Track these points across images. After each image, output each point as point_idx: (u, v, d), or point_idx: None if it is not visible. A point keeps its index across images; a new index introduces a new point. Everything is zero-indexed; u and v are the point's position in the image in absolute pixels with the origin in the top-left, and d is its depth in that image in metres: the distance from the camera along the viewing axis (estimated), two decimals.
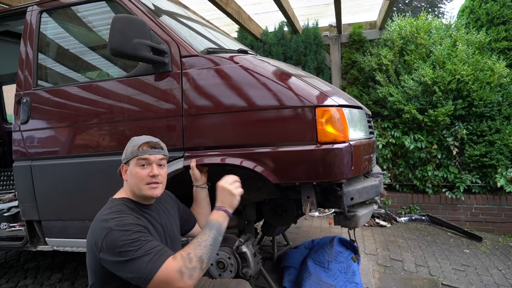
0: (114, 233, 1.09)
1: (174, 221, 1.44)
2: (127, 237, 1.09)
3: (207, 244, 1.15)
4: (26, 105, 2.04)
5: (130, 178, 1.28)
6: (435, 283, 2.51)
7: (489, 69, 3.70)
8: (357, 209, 1.69)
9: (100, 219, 1.17)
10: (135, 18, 1.58)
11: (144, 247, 1.09)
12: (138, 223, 1.16)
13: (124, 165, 1.30)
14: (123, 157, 1.31)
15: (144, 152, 1.27)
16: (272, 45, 5.16)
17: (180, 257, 1.09)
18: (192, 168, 1.61)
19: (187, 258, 1.09)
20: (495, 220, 3.83)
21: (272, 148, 1.54)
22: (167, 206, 1.44)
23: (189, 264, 1.08)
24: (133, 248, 1.07)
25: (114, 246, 1.08)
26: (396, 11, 12.00)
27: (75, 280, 2.70)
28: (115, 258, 1.08)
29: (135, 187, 1.27)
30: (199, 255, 1.11)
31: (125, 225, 1.12)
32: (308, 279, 2.22)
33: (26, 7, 2.17)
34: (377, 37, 4.90)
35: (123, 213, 1.18)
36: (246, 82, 1.59)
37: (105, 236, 1.10)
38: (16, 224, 2.58)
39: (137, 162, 1.26)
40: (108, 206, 1.23)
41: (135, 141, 1.30)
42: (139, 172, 1.26)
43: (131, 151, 1.28)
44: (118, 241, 1.08)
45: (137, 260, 1.07)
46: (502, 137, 3.67)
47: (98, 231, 1.13)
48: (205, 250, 1.14)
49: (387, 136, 4.15)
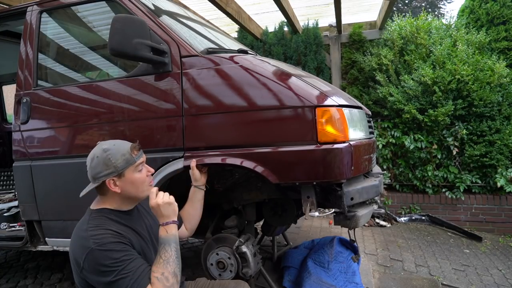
0: (95, 253, 1.08)
1: (156, 222, 1.39)
2: (108, 257, 1.08)
3: (173, 259, 1.18)
4: (26, 105, 2.04)
5: (127, 187, 1.22)
6: (435, 283, 2.51)
7: (489, 69, 3.70)
8: (357, 209, 1.69)
9: (79, 235, 1.15)
10: (135, 18, 1.58)
11: (127, 268, 1.09)
12: (119, 241, 1.13)
13: (113, 179, 1.20)
14: (111, 171, 1.19)
15: (138, 156, 1.25)
16: (272, 45, 5.16)
17: (157, 280, 1.12)
18: (192, 168, 1.61)
19: (164, 279, 1.13)
20: (495, 220, 3.83)
21: (272, 148, 1.54)
22: (146, 208, 1.41)
23: (167, 283, 1.13)
24: (116, 269, 1.08)
25: (95, 266, 1.08)
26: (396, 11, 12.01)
27: None
28: (98, 278, 1.08)
29: (136, 192, 1.25)
30: (171, 271, 1.16)
31: (105, 244, 1.10)
32: (308, 279, 2.22)
33: (26, 7, 2.17)
34: (377, 37, 4.90)
35: (101, 228, 1.14)
36: (246, 82, 1.59)
37: (86, 256, 1.08)
38: (16, 224, 2.58)
39: (135, 168, 1.24)
40: (85, 220, 1.19)
41: (120, 150, 1.22)
42: (140, 177, 1.25)
43: (124, 160, 1.20)
44: (100, 261, 1.07)
45: (120, 281, 1.07)
46: (502, 137, 3.67)
47: (78, 250, 1.12)
48: (174, 265, 1.17)
49: (387, 136, 4.15)
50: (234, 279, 1.76)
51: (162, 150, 1.71)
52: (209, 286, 1.49)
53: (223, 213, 2.08)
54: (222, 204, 2.03)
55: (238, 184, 1.90)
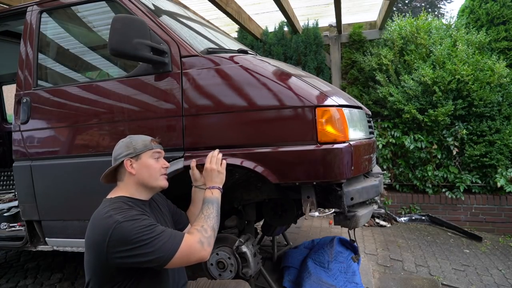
0: (124, 224, 1.10)
1: (168, 219, 1.45)
2: (138, 225, 1.12)
3: (214, 215, 1.30)
4: (26, 105, 2.04)
5: (142, 170, 1.30)
6: (435, 283, 2.51)
7: (489, 69, 3.70)
8: (357, 209, 1.69)
9: (101, 217, 1.16)
10: (135, 18, 1.58)
11: (157, 229, 1.14)
12: (143, 213, 1.20)
13: (130, 159, 1.29)
14: (130, 151, 1.30)
15: (158, 146, 1.36)
16: (272, 45, 5.16)
17: (196, 231, 1.21)
18: (192, 168, 1.60)
19: (203, 230, 1.22)
20: (495, 220, 3.83)
21: (272, 148, 1.54)
22: (159, 205, 1.45)
23: (205, 234, 1.21)
24: (148, 232, 1.11)
25: (126, 236, 1.09)
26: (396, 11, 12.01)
27: (75, 280, 2.70)
28: (129, 246, 1.09)
29: (149, 178, 1.30)
30: (211, 225, 1.26)
31: (132, 215, 1.15)
32: (308, 279, 2.22)
33: (26, 7, 2.17)
34: (377, 37, 4.91)
35: (123, 208, 1.19)
36: (246, 82, 1.59)
37: (113, 229, 1.09)
38: (16, 224, 2.58)
39: (152, 154, 1.33)
40: (105, 205, 1.22)
41: (141, 137, 1.36)
42: (154, 164, 1.32)
43: (143, 145, 1.32)
44: (130, 230, 1.10)
45: (155, 241, 1.11)
46: (502, 137, 3.67)
47: (102, 228, 1.12)
48: (214, 221, 1.29)
49: (387, 136, 4.15)
50: (234, 279, 1.76)
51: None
52: (209, 286, 1.49)
53: (223, 213, 2.07)
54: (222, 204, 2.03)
55: (238, 184, 1.90)
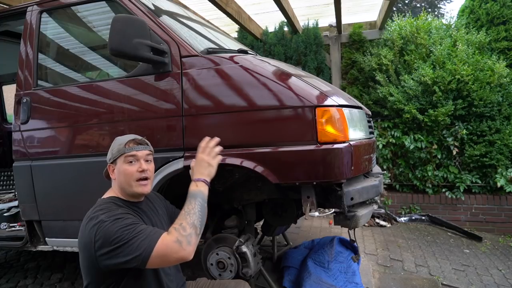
0: (106, 224, 1.09)
1: (164, 220, 1.42)
2: (119, 224, 1.09)
3: (195, 211, 1.19)
4: (26, 105, 2.04)
5: (118, 176, 1.28)
6: (435, 283, 2.51)
7: (489, 69, 3.70)
8: (357, 209, 1.69)
9: (88, 218, 1.16)
10: (135, 18, 1.58)
11: (137, 229, 1.10)
12: (127, 212, 1.18)
13: (111, 165, 1.30)
14: (109, 157, 1.30)
15: (131, 148, 1.28)
16: (272, 45, 5.16)
17: (173, 230, 1.12)
18: (192, 168, 1.60)
19: (181, 228, 1.12)
20: (495, 220, 3.83)
21: (272, 148, 1.54)
22: (155, 206, 1.43)
23: (183, 232, 1.11)
24: (127, 231, 1.08)
25: (108, 236, 1.08)
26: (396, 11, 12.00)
27: (75, 280, 2.70)
28: (111, 247, 1.07)
29: (125, 184, 1.27)
30: (190, 222, 1.15)
31: (115, 215, 1.13)
32: (308, 279, 2.22)
33: (26, 7, 2.17)
34: (377, 37, 4.91)
35: (111, 208, 1.18)
36: (246, 82, 1.59)
37: (97, 230, 1.09)
38: (16, 224, 2.58)
39: (125, 159, 1.27)
40: (96, 205, 1.23)
41: (120, 140, 1.31)
42: (128, 169, 1.26)
43: (117, 149, 1.28)
44: (111, 230, 1.08)
45: (133, 240, 1.07)
46: (502, 137, 3.66)
47: (89, 230, 1.12)
48: (195, 217, 1.17)
49: (387, 136, 4.15)
50: (234, 279, 1.76)
51: (162, 150, 1.71)
52: (209, 286, 1.49)
53: (223, 213, 2.08)
54: (222, 204, 2.03)
55: (238, 184, 1.90)
